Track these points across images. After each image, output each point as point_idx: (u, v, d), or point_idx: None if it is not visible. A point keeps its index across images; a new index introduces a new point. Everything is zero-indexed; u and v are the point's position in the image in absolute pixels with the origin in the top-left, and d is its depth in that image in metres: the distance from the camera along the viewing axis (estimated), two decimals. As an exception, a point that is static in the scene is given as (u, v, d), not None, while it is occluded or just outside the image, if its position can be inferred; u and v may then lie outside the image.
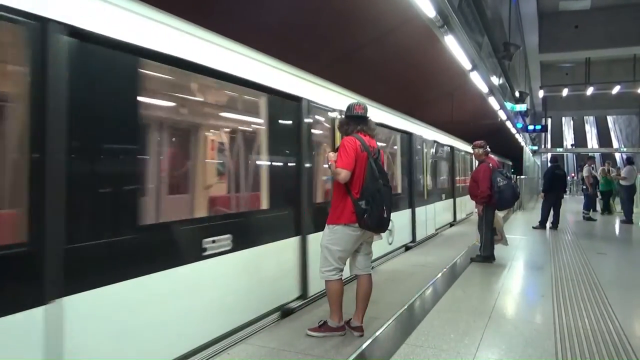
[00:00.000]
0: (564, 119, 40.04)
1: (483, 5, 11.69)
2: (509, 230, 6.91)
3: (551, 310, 4.15)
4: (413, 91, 12.29)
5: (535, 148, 30.82)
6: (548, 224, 10.26)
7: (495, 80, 13.12)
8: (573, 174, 34.06)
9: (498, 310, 4.17)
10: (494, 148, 12.00)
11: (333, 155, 3.43)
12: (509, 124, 18.59)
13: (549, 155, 22.29)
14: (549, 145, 36.97)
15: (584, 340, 3.41)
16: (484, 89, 11.64)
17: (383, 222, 3.42)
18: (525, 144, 25.36)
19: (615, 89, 21.09)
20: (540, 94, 24.68)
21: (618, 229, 10.97)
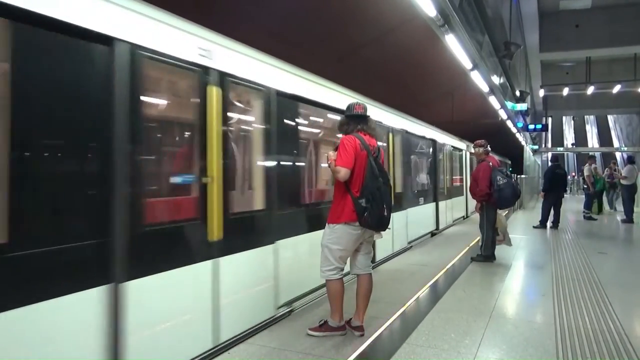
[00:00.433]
0: (564, 118, 40.01)
1: (484, 4, 11.66)
2: (509, 229, 6.89)
3: (552, 309, 4.15)
4: (413, 91, 12.28)
5: (536, 147, 30.79)
6: (549, 224, 10.26)
7: (496, 80, 13.09)
8: (573, 173, 34.06)
9: (499, 309, 4.17)
10: (495, 147, 11.94)
11: (333, 154, 3.44)
12: (509, 123, 18.58)
13: (550, 154, 22.27)
14: (549, 145, 36.96)
15: (584, 339, 3.41)
16: (484, 88, 11.62)
17: (383, 221, 3.43)
18: (526, 143, 25.35)
19: (616, 88, 21.05)
20: (541, 93, 24.63)
21: (619, 228, 10.96)
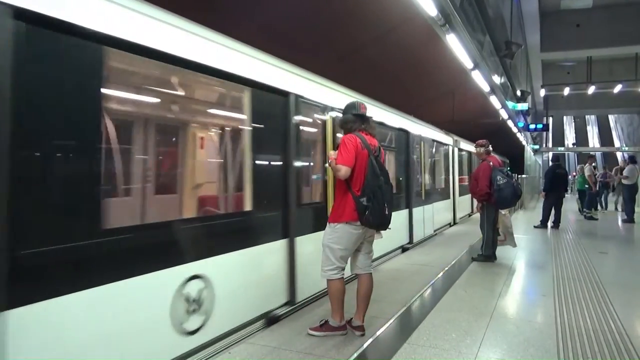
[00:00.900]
0: (565, 117, 39.99)
1: (485, 3, 11.66)
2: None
3: (553, 309, 4.14)
4: (414, 90, 12.26)
5: (537, 147, 30.78)
6: (549, 223, 10.25)
7: (497, 79, 13.09)
8: (574, 173, 33.99)
9: (499, 309, 4.16)
10: (495, 147, 11.85)
11: (333, 154, 3.45)
12: (510, 123, 18.57)
13: (550, 154, 22.25)
14: (550, 145, 36.95)
15: (585, 339, 3.41)
16: (485, 87, 11.62)
17: (384, 219, 3.43)
18: (527, 143, 25.34)
19: (617, 88, 21.04)
20: (542, 92, 24.63)
21: (619, 228, 10.95)
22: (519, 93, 18.06)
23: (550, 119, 31.38)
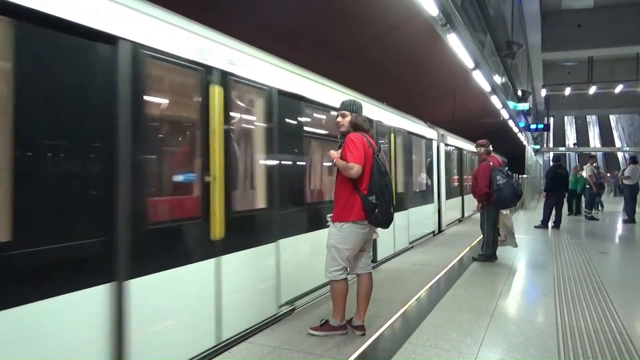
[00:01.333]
0: (566, 118, 39.95)
1: (486, 3, 11.65)
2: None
3: (553, 309, 4.14)
4: (414, 90, 12.25)
5: (538, 147, 30.76)
6: (550, 223, 10.25)
7: (498, 79, 13.08)
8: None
9: (500, 309, 4.16)
10: (496, 147, 11.76)
11: (336, 153, 3.45)
12: (511, 123, 18.55)
13: (551, 154, 22.23)
14: (551, 145, 36.90)
15: (586, 339, 3.41)
16: (486, 87, 11.61)
17: (390, 217, 3.47)
18: (528, 143, 25.31)
19: (618, 88, 21.02)
20: (543, 92, 24.59)
21: (620, 228, 10.94)
22: (520, 93, 18.04)
23: (552, 119, 31.36)
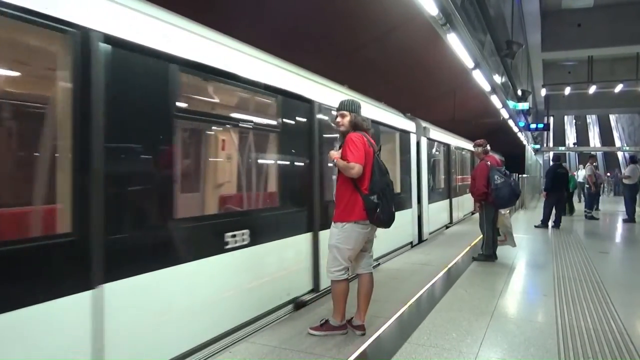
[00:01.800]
0: (566, 117, 39.95)
1: (486, 3, 11.64)
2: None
3: (553, 309, 4.14)
4: (415, 89, 12.25)
5: (538, 147, 30.76)
6: (550, 223, 10.25)
7: (498, 79, 13.07)
8: (575, 173, 33.91)
9: (500, 309, 4.16)
10: (496, 146, 11.70)
11: (336, 153, 3.44)
12: (511, 123, 18.55)
13: (551, 154, 22.23)
14: (551, 144, 36.90)
15: (586, 339, 3.41)
16: (486, 87, 11.60)
17: (392, 217, 3.47)
18: (528, 142, 25.32)
19: (618, 88, 21.02)
20: (543, 92, 24.59)
21: (620, 228, 10.94)
22: (519, 92, 18.03)
23: (551, 119, 31.35)
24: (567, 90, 22.04)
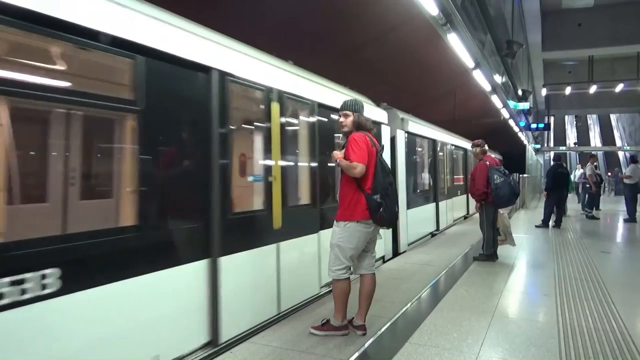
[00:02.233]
0: (567, 117, 39.92)
1: (486, 3, 11.64)
2: (511, 229, 6.88)
3: (554, 309, 4.14)
4: (415, 89, 12.25)
5: (538, 146, 30.74)
6: (551, 223, 10.25)
7: (498, 79, 13.07)
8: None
9: (501, 309, 4.16)
10: (497, 146, 11.66)
11: (339, 153, 3.45)
12: (511, 122, 18.55)
13: (552, 153, 22.22)
14: (551, 144, 36.88)
15: (587, 339, 3.40)
16: (486, 87, 11.61)
17: (395, 217, 3.48)
18: (528, 142, 25.31)
19: (619, 87, 21.01)
20: (543, 92, 24.59)
21: (621, 227, 10.93)
22: (520, 92, 18.03)
23: (552, 118, 31.34)
24: (568, 90, 22.03)
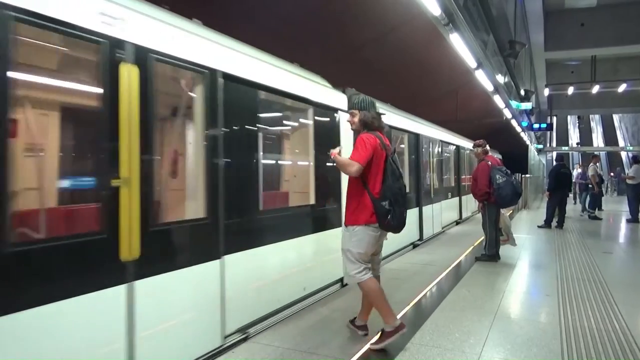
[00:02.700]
0: (569, 117, 39.81)
1: (488, 3, 11.62)
2: (513, 229, 6.88)
3: (556, 309, 4.14)
4: (417, 89, 12.25)
5: (541, 147, 30.67)
6: (553, 223, 10.23)
7: (501, 79, 13.03)
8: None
9: (503, 309, 4.16)
10: (499, 146, 11.61)
11: (335, 150, 3.35)
12: (514, 123, 18.51)
13: (554, 153, 22.17)
14: (554, 144, 36.79)
15: (589, 339, 3.40)
16: (489, 87, 11.58)
17: (403, 222, 3.33)
18: (531, 142, 25.25)
19: (622, 87, 20.94)
20: (546, 92, 24.51)
21: (624, 228, 10.90)
22: (522, 92, 17.99)
23: (555, 119, 31.25)
24: (570, 90, 21.95)
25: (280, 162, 5.66)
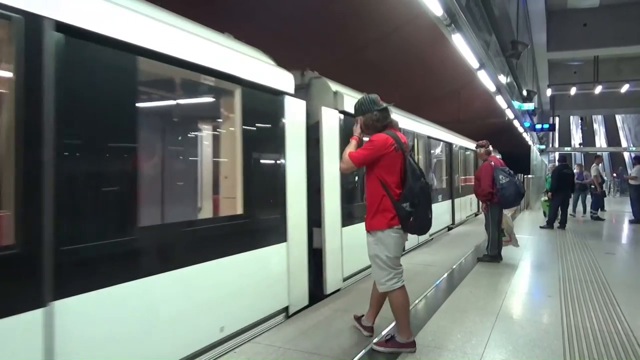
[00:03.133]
0: (572, 117, 39.73)
1: (491, 3, 11.60)
2: (515, 229, 6.86)
3: (558, 310, 4.13)
4: (419, 89, 12.25)
5: (543, 147, 30.62)
6: (555, 224, 10.20)
7: (503, 79, 13.01)
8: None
9: (505, 310, 4.15)
10: (501, 147, 11.60)
11: (357, 132, 3.24)
12: (516, 123, 18.49)
13: (557, 154, 22.12)
14: (556, 144, 36.72)
15: (592, 340, 3.39)
16: (491, 87, 11.56)
17: (428, 224, 3.18)
18: (533, 143, 25.21)
19: (624, 88, 20.89)
20: (548, 92, 24.50)
21: (626, 228, 10.87)
22: (525, 93, 17.94)
23: (557, 119, 31.20)
24: (573, 91, 21.93)
25: (184, 160, 4.50)
